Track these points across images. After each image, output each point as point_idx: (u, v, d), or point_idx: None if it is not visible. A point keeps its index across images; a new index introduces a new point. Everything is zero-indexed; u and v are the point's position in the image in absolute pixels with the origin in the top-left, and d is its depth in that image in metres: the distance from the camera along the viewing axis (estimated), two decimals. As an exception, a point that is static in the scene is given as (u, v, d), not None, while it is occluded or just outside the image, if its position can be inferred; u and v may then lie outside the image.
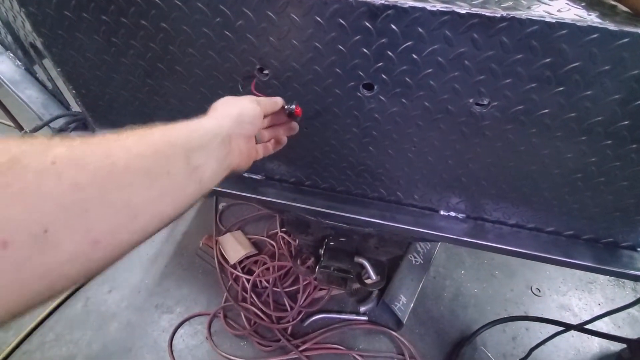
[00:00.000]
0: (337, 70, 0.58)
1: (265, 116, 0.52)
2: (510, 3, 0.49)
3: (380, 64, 0.56)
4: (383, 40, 0.53)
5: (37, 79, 0.95)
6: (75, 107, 0.91)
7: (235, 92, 0.66)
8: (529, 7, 0.48)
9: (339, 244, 0.95)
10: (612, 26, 0.45)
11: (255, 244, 1.77)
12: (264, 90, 0.64)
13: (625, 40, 0.45)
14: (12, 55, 0.96)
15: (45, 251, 0.24)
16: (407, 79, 0.57)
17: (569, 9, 0.48)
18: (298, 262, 1.08)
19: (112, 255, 0.29)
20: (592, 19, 0.46)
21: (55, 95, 0.94)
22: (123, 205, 0.29)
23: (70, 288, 0.36)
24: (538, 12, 0.47)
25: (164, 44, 0.63)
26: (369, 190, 0.79)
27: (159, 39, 0.63)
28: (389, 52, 0.54)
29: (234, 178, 0.87)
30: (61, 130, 0.87)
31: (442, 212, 0.79)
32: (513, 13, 0.46)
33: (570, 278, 1.70)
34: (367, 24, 0.52)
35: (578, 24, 0.45)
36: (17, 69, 0.95)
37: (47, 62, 0.79)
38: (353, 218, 0.79)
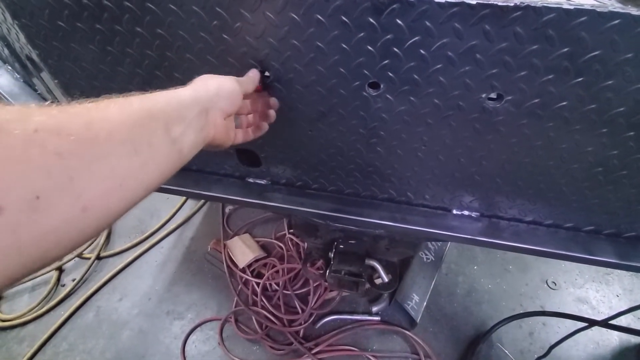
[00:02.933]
0: (341, 69, 0.56)
1: (245, 97, 0.52)
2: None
3: (387, 61, 0.53)
4: (389, 36, 0.50)
5: (36, 91, 0.94)
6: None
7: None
8: (543, -6, 0.45)
9: (349, 247, 0.93)
10: (635, 11, 0.42)
11: (263, 246, 1.76)
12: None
13: (647, 26, 0.42)
14: (10, 68, 0.95)
15: (39, 216, 0.25)
16: (415, 76, 0.54)
17: (587, -6, 0.45)
18: (308, 265, 1.05)
19: (102, 222, 0.30)
20: (612, 3, 0.43)
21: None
22: (108, 174, 0.30)
23: (63, 256, 0.37)
24: (555, -1, 0.44)
25: (161, 51, 0.61)
26: (378, 192, 0.77)
27: (155, 46, 0.61)
28: (395, 49, 0.51)
29: (237, 182, 0.85)
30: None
31: (455, 212, 0.76)
32: (527, 1, 0.43)
33: (587, 270, 1.65)
34: (371, 20, 0.49)
35: (598, 9, 0.42)
36: (15, 81, 0.94)
37: (45, 74, 0.78)
38: (362, 221, 0.77)
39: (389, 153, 0.67)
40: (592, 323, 1.02)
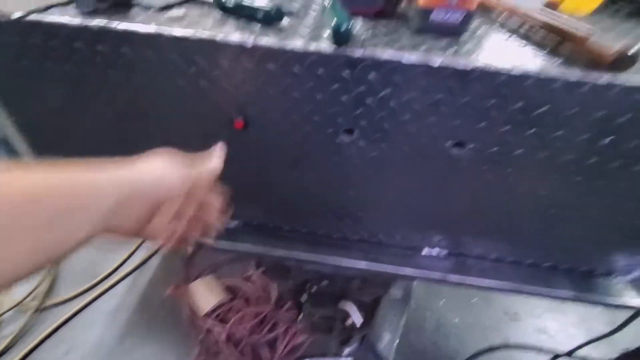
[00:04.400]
0: (316, 118, 0.58)
1: (193, 192, 0.43)
2: (479, 55, 0.51)
3: (359, 110, 0.56)
4: (361, 88, 0.53)
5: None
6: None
7: (209, 142, 0.64)
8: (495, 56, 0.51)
9: (322, 288, 0.91)
10: (572, 77, 0.48)
11: (229, 288, 1.67)
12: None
13: (585, 88, 0.48)
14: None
15: None
16: (386, 125, 0.57)
17: (536, 56, 0.52)
18: (279, 309, 1.01)
19: None
20: (555, 67, 0.49)
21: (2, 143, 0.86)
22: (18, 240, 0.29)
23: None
24: (506, 62, 0.49)
25: (134, 94, 0.60)
26: (351, 234, 0.77)
27: (129, 95, 0.59)
28: (367, 100, 0.54)
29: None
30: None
31: (424, 251, 0.78)
32: (482, 66, 0.49)
33: (543, 300, 1.74)
34: (344, 75, 0.52)
35: (541, 76, 0.48)
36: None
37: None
38: (336, 265, 0.77)
39: (361, 196, 0.69)
40: (555, 355, 1.05)
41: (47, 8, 0.56)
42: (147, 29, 0.52)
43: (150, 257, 1.84)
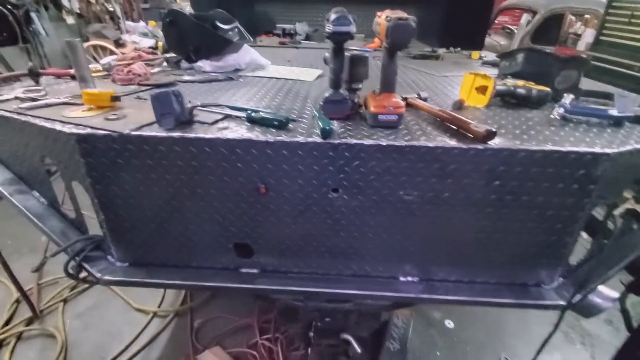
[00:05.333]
0: (314, 182, 0.89)
1: None
2: (407, 134, 0.86)
3: (341, 175, 0.87)
4: (341, 161, 0.86)
5: (58, 211, 1.13)
6: (93, 232, 1.09)
7: (240, 204, 0.93)
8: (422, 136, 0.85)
9: (325, 324, 1.10)
10: (463, 146, 0.82)
11: (236, 357, 1.76)
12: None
13: (472, 152, 0.82)
14: (37, 194, 1.16)
15: None
16: (360, 183, 0.88)
17: (445, 137, 0.86)
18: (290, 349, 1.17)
19: None
20: (452, 142, 0.84)
21: (74, 223, 1.12)
22: None
23: None
24: (430, 140, 0.83)
25: (191, 175, 0.91)
26: (344, 269, 1.02)
27: (188, 172, 0.90)
28: (346, 168, 0.86)
29: (232, 273, 1.05)
30: (80, 251, 1.02)
31: (401, 278, 1.03)
32: (412, 143, 0.83)
33: (528, 342, 1.88)
34: (330, 153, 0.85)
35: (430, 145, 0.82)
36: (40, 204, 1.14)
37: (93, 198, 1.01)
38: (334, 293, 1.00)
39: (349, 236, 0.96)
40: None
41: (140, 127, 0.90)
42: (208, 136, 0.86)
43: (159, 333, 1.93)
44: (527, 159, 0.83)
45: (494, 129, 0.82)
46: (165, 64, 1.85)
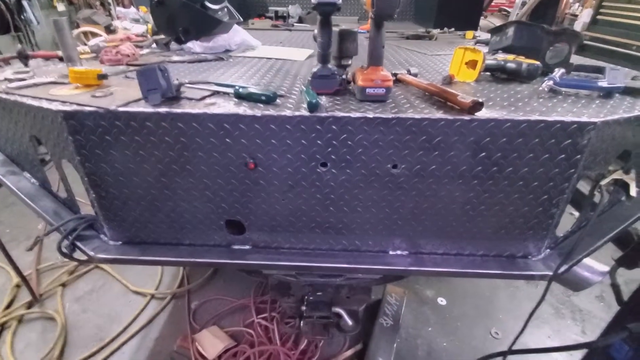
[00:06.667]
0: (302, 156, 0.89)
1: None
2: (394, 107, 0.86)
3: (330, 149, 0.88)
4: (329, 135, 0.86)
5: (50, 192, 1.14)
6: (85, 211, 1.10)
7: (230, 180, 0.93)
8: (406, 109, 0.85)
9: (317, 297, 1.12)
10: (449, 117, 0.82)
11: (232, 336, 1.80)
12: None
13: (458, 123, 0.82)
14: (28, 174, 1.16)
15: None
16: (348, 157, 0.89)
17: (432, 108, 0.86)
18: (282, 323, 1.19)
19: None
20: (438, 113, 0.84)
21: (66, 203, 1.13)
22: None
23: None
24: (417, 112, 0.84)
25: (180, 152, 0.91)
26: (334, 243, 1.04)
27: (176, 148, 0.90)
28: (334, 142, 0.87)
29: (224, 250, 1.07)
30: (73, 230, 1.03)
31: (390, 252, 1.04)
32: (398, 115, 0.83)
33: (518, 317, 1.92)
34: (318, 126, 0.85)
35: (417, 116, 0.82)
36: (32, 185, 1.14)
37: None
38: (326, 267, 1.01)
39: (338, 211, 0.97)
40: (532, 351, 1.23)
41: (127, 103, 0.89)
42: (195, 111, 0.86)
43: (157, 314, 1.96)
44: (512, 130, 0.83)
45: (480, 100, 0.82)
46: (154, 45, 1.83)
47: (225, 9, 1.93)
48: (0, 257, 2.19)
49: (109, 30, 5.00)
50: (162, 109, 0.86)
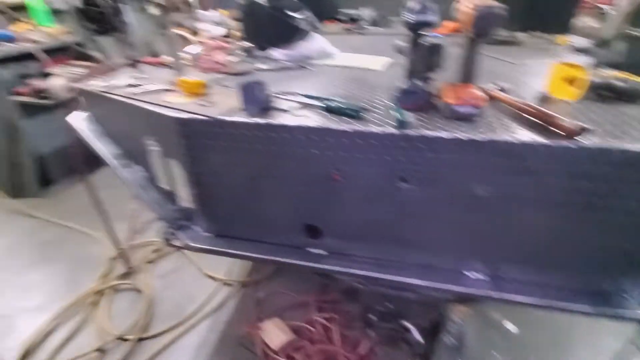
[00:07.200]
0: (384, 170, 0.91)
1: None
2: (484, 127, 0.84)
3: (413, 166, 0.89)
4: (414, 152, 0.87)
5: (156, 185, 1.31)
6: (184, 204, 1.24)
7: (313, 188, 0.99)
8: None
9: (386, 309, 1.14)
10: (549, 142, 0.78)
11: (294, 330, 1.89)
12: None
13: (559, 151, 0.78)
14: (138, 167, 1.35)
15: None
16: (431, 175, 0.89)
17: (528, 131, 0.83)
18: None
19: None
20: (537, 137, 0.80)
21: (168, 196, 1.29)
22: None
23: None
24: (512, 135, 0.81)
25: (270, 159, 0.99)
26: (408, 257, 1.04)
27: (267, 156, 0.98)
28: (418, 159, 0.87)
29: (301, 252, 1.13)
30: (175, 220, 1.18)
31: (467, 273, 1.02)
32: (492, 138, 0.81)
33: (596, 354, 1.73)
34: (403, 144, 0.87)
35: (514, 141, 0.79)
36: (141, 177, 1.33)
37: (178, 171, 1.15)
38: (397, 280, 1.03)
39: (415, 226, 0.98)
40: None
41: (229, 113, 1.00)
42: (288, 123, 0.92)
43: (226, 300, 2.14)
44: (620, 159, 0.76)
45: (585, 126, 0.77)
46: (240, 52, 1.98)
47: (307, 18, 2.01)
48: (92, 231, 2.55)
49: (194, 32, 5.50)
50: (259, 120, 0.95)
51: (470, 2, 0.83)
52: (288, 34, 1.85)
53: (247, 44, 2.06)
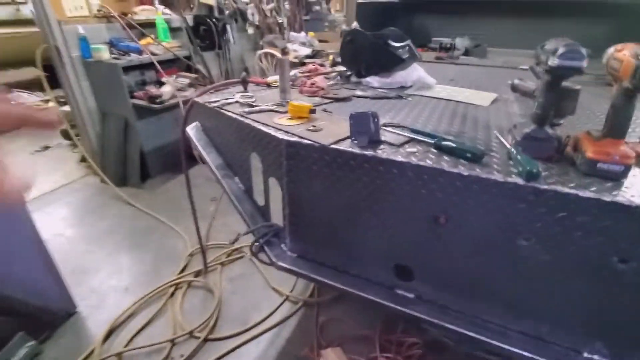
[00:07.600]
0: (502, 223, 0.83)
1: None
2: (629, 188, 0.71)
3: (539, 224, 0.79)
4: (542, 209, 0.77)
5: (250, 198, 1.37)
6: (274, 220, 1.28)
7: (413, 228, 0.94)
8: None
9: (474, 372, 1.02)
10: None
11: (354, 364, 1.81)
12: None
13: None
14: (237, 179, 1.43)
15: None
16: (560, 237, 0.78)
17: None
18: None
19: None
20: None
21: (260, 210, 1.34)
22: None
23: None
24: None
25: (372, 192, 0.96)
26: (513, 323, 0.92)
27: (369, 188, 0.96)
28: (546, 217, 0.78)
29: (387, 291, 1.07)
30: (264, 235, 1.21)
31: (585, 355, 0.87)
32: (647, 204, 0.68)
33: None
34: (530, 198, 0.78)
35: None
36: (239, 189, 1.40)
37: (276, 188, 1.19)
38: (496, 345, 0.91)
39: (529, 290, 0.86)
40: None
41: (337, 141, 1.00)
42: (399, 159, 0.90)
43: (290, 316, 2.14)
44: None
45: None
46: (337, 77, 2.03)
47: (407, 47, 2.00)
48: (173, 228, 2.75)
49: (284, 52, 5.87)
50: (368, 152, 0.94)
51: (630, 49, 0.73)
52: (388, 62, 1.85)
53: (341, 68, 2.11)
